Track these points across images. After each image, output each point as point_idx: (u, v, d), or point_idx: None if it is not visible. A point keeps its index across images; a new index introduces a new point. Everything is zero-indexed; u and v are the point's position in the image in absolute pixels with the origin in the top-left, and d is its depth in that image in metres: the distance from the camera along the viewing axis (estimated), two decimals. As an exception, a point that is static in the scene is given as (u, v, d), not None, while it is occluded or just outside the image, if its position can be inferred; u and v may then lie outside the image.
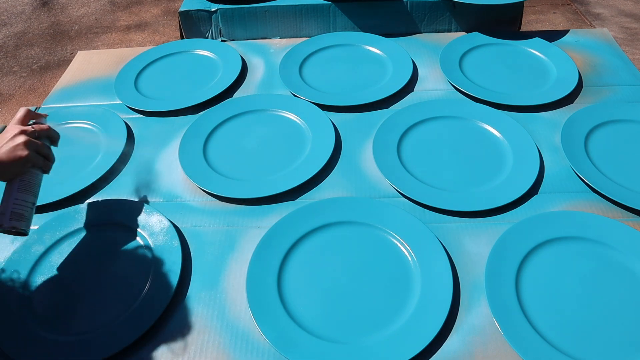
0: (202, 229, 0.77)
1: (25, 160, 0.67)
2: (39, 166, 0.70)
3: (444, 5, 1.15)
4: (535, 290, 0.65)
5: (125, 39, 2.77)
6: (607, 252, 0.69)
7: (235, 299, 0.68)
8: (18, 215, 0.67)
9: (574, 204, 0.77)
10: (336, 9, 1.17)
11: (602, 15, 2.68)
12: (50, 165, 0.72)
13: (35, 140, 0.68)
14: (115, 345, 0.63)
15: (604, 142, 0.86)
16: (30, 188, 0.69)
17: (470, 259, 0.70)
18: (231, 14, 1.19)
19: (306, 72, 1.07)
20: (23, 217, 0.67)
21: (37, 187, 0.71)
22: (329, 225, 0.75)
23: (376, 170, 0.84)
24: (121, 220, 0.78)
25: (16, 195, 0.67)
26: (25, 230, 0.67)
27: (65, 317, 0.67)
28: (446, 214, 0.76)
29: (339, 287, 0.68)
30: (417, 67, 1.07)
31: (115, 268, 0.72)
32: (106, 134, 0.94)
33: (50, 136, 0.72)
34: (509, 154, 0.85)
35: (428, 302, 0.65)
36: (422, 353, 0.60)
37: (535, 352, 0.59)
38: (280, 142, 0.91)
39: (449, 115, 0.93)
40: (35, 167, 0.70)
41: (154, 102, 1.02)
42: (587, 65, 1.05)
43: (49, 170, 0.73)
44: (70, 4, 3.12)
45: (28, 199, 0.68)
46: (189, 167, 0.86)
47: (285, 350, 0.61)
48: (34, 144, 0.68)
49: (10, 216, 0.66)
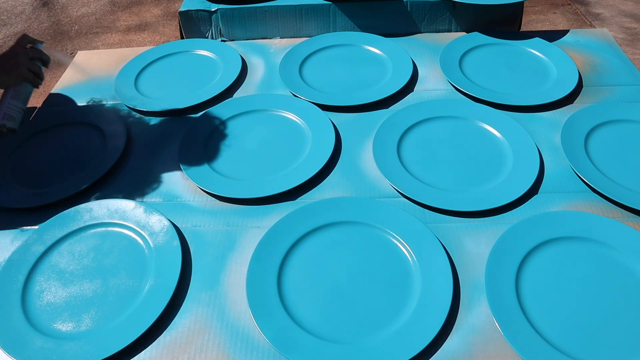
0: (202, 229, 0.77)
1: (18, 74, 0.84)
2: (30, 80, 0.87)
3: (444, 5, 1.15)
4: (535, 290, 0.65)
5: (125, 39, 2.77)
6: (607, 252, 0.69)
7: (235, 299, 0.68)
8: (9, 116, 0.85)
9: (574, 204, 0.77)
10: (336, 9, 1.17)
11: (602, 15, 2.68)
12: (40, 82, 0.89)
13: (29, 59, 0.86)
14: (115, 345, 0.63)
15: (604, 142, 0.86)
16: (20, 97, 0.87)
17: (470, 259, 0.70)
18: (231, 14, 1.19)
19: (306, 72, 1.07)
20: (13, 118, 0.85)
21: (27, 97, 0.88)
22: (329, 225, 0.75)
23: (376, 170, 0.84)
24: (121, 220, 0.78)
25: (9, 101, 0.85)
26: (14, 129, 0.86)
27: (65, 317, 0.67)
28: (446, 214, 0.76)
29: (339, 287, 0.68)
30: (417, 67, 1.07)
31: (115, 268, 0.72)
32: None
33: (42, 58, 0.89)
34: (509, 154, 0.85)
35: (428, 302, 0.65)
36: (422, 353, 0.60)
37: (535, 352, 0.59)
38: (280, 142, 0.91)
39: (449, 115, 0.93)
40: (27, 81, 0.86)
41: (154, 102, 1.02)
42: (587, 65, 1.05)
43: (39, 85, 0.89)
44: (70, 4, 3.12)
45: (18, 105, 0.86)
46: (189, 167, 0.86)
47: (285, 350, 0.61)
48: (27, 62, 0.85)
49: (2, 116, 0.84)
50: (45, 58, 0.89)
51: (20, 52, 0.85)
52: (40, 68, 0.88)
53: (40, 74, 0.88)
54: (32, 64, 0.86)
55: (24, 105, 0.87)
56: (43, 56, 0.89)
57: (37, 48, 0.89)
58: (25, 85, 0.87)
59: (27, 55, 0.86)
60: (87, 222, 0.78)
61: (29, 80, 0.87)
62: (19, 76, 0.85)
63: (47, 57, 0.90)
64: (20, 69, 0.84)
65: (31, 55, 0.87)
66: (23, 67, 0.85)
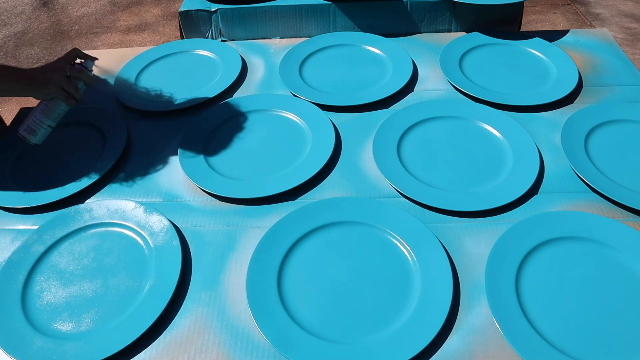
0: (202, 229, 0.77)
1: (48, 90, 0.81)
2: (61, 99, 0.84)
3: (444, 5, 1.15)
4: (535, 290, 0.65)
5: (125, 39, 2.77)
6: (607, 252, 0.69)
7: (235, 299, 0.68)
8: (31, 129, 0.84)
9: (574, 204, 0.77)
10: (336, 9, 1.17)
11: (602, 15, 2.68)
12: (74, 102, 0.85)
13: (65, 78, 0.82)
14: (115, 345, 0.63)
15: (604, 142, 0.86)
16: (50, 113, 0.85)
17: (470, 259, 0.70)
18: (231, 14, 1.19)
19: (306, 72, 1.07)
20: (34, 132, 0.84)
21: (58, 114, 0.86)
22: (329, 225, 0.75)
23: (376, 170, 0.84)
24: (121, 220, 0.78)
25: (37, 114, 0.84)
26: (33, 144, 0.85)
27: (65, 317, 0.67)
28: (446, 214, 0.76)
29: (339, 287, 0.68)
30: (417, 67, 1.07)
31: (115, 268, 0.72)
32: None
33: (83, 79, 0.85)
34: (509, 154, 0.85)
35: (428, 302, 0.65)
36: (422, 353, 0.60)
37: (535, 352, 0.59)
38: (280, 142, 0.91)
39: (449, 115, 0.93)
40: (59, 99, 0.84)
41: (154, 102, 1.02)
42: (587, 65, 1.05)
43: (72, 105, 0.85)
44: (70, 4, 3.12)
45: (45, 120, 0.85)
46: (189, 167, 0.86)
47: (285, 350, 0.61)
48: (62, 80, 0.82)
49: (25, 127, 0.84)
50: (87, 80, 0.86)
51: (58, 68, 0.82)
52: (77, 89, 0.84)
53: (77, 95, 0.84)
54: (68, 83, 0.83)
55: (52, 122, 0.85)
56: (84, 77, 0.85)
57: (81, 66, 0.86)
58: (59, 103, 0.84)
59: (64, 72, 0.82)
60: (87, 222, 0.78)
61: (60, 99, 0.84)
62: (49, 94, 0.82)
63: (90, 78, 0.86)
64: (50, 86, 0.81)
65: (69, 74, 0.83)
66: (55, 85, 0.81)
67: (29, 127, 0.84)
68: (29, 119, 0.84)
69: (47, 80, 0.81)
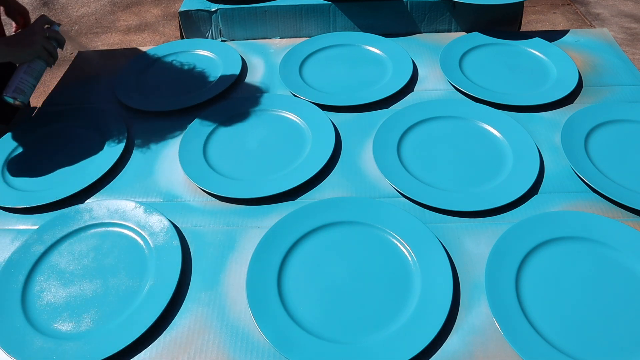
0: (202, 229, 0.77)
1: (33, 50, 0.89)
2: (44, 58, 0.92)
3: (444, 5, 1.15)
4: (535, 290, 0.65)
5: (125, 39, 2.77)
6: (607, 252, 0.69)
7: (235, 299, 0.68)
8: (20, 90, 0.89)
9: (574, 204, 0.77)
10: (336, 9, 1.17)
11: (602, 15, 2.68)
12: (53, 61, 0.94)
13: (45, 38, 0.90)
14: (115, 345, 0.63)
15: (604, 142, 0.86)
16: (33, 73, 0.91)
17: (470, 259, 0.70)
18: (231, 14, 1.19)
19: (306, 72, 1.07)
20: (23, 92, 0.90)
21: (40, 74, 0.93)
22: (329, 225, 0.75)
23: (376, 170, 0.84)
24: (121, 220, 0.78)
25: (22, 76, 0.90)
26: (23, 102, 0.90)
27: (65, 317, 0.67)
28: (446, 214, 0.76)
29: (339, 287, 0.68)
30: (417, 67, 1.07)
31: (114, 268, 0.72)
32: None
33: (57, 38, 0.93)
34: (509, 154, 0.85)
35: (428, 302, 0.65)
36: (422, 353, 0.60)
37: (535, 352, 0.59)
38: (280, 142, 0.91)
39: (449, 115, 0.93)
40: (41, 59, 0.91)
41: (154, 102, 1.02)
42: (587, 65, 1.05)
43: (52, 64, 0.94)
44: (70, 4, 3.12)
45: (30, 80, 0.90)
46: (189, 167, 0.86)
47: (285, 350, 0.61)
48: (43, 40, 0.90)
49: (14, 89, 0.89)
50: (61, 39, 0.94)
51: (37, 31, 0.90)
52: (55, 48, 0.93)
53: (54, 54, 0.93)
54: (48, 43, 0.91)
55: (35, 82, 0.92)
56: (58, 37, 0.94)
57: (53, 29, 0.93)
58: (39, 63, 0.91)
59: (43, 34, 0.90)
60: (87, 222, 0.78)
61: (43, 58, 0.91)
62: (34, 53, 0.89)
63: (63, 38, 0.94)
64: (36, 46, 0.89)
65: (47, 35, 0.91)
66: (39, 45, 0.89)
67: (18, 88, 0.89)
68: (14, 82, 0.89)
69: (32, 41, 0.89)
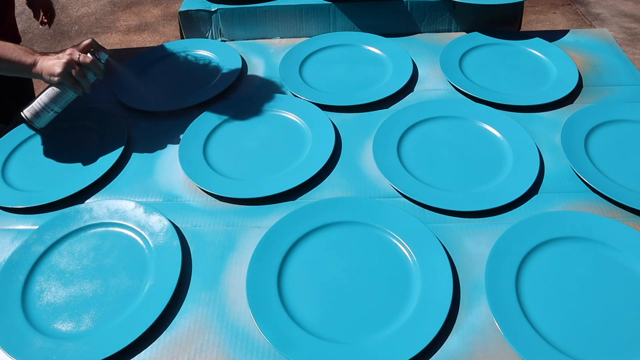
0: (202, 229, 0.77)
1: (53, 76, 0.82)
2: (68, 86, 0.85)
3: (444, 5, 1.15)
4: (535, 290, 0.65)
5: (125, 39, 2.77)
6: (607, 252, 0.69)
7: (235, 299, 0.68)
8: (35, 112, 0.85)
9: (574, 204, 0.77)
10: (336, 9, 1.17)
11: (602, 15, 2.68)
12: (81, 90, 0.86)
13: (75, 65, 0.83)
14: (115, 345, 0.63)
15: (604, 142, 0.86)
16: (56, 98, 0.86)
17: (470, 259, 0.70)
18: (231, 14, 1.19)
19: (306, 72, 1.07)
20: (38, 115, 0.86)
21: (64, 101, 0.87)
22: (329, 225, 0.75)
23: (376, 170, 0.84)
24: (121, 220, 0.78)
25: (43, 98, 0.86)
26: (38, 127, 0.87)
27: (65, 317, 0.67)
28: (446, 214, 0.76)
29: (339, 287, 0.68)
30: (417, 67, 1.07)
31: (115, 268, 0.72)
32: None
33: (93, 69, 0.85)
34: (509, 154, 0.85)
35: (428, 302, 0.65)
36: (422, 353, 0.60)
37: (535, 352, 0.59)
38: (280, 142, 0.91)
39: (449, 115, 0.93)
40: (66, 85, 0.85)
41: (154, 102, 1.02)
42: (587, 65, 1.05)
43: (79, 93, 0.87)
44: (70, 4, 3.12)
45: (51, 105, 0.86)
46: (189, 167, 0.86)
47: (285, 350, 0.61)
48: (72, 67, 0.82)
49: (30, 110, 0.85)
50: (97, 71, 0.86)
51: (69, 54, 0.83)
52: (86, 78, 0.85)
53: (84, 84, 0.85)
54: (78, 70, 0.83)
55: (57, 108, 0.87)
56: (94, 68, 0.85)
57: (94, 56, 0.85)
58: (66, 89, 0.86)
59: (75, 58, 0.83)
60: (87, 222, 0.78)
61: (67, 85, 0.85)
62: (55, 79, 0.83)
63: (100, 70, 0.86)
64: (58, 71, 0.82)
65: (81, 61, 0.83)
66: (63, 72, 0.82)
67: (34, 110, 0.85)
68: (34, 102, 0.86)
69: (56, 64, 0.82)
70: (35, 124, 0.86)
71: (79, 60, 0.83)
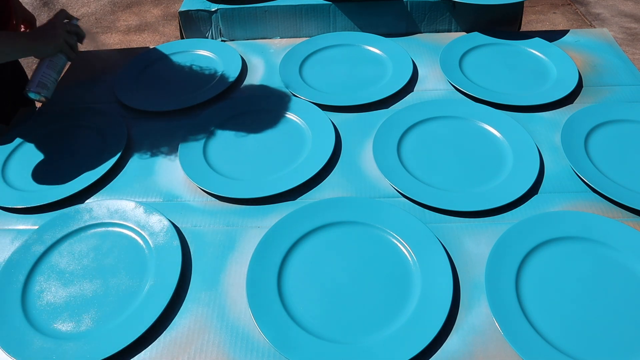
0: (202, 229, 0.77)
1: (56, 45, 0.90)
2: (66, 52, 0.92)
3: (444, 5, 1.15)
4: (535, 290, 0.65)
5: (125, 39, 2.77)
6: (607, 252, 0.69)
7: (235, 299, 0.68)
8: (43, 84, 0.90)
9: (574, 204, 0.77)
10: (336, 9, 1.17)
11: (602, 15, 2.68)
12: (74, 55, 0.94)
13: (66, 32, 0.91)
14: (115, 345, 0.63)
15: (604, 142, 0.86)
16: (56, 67, 0.92)
17: (470, 259, 0.70)
18: (231, 14, 1.19)
19: (306, 72, 1.07)
20: (46, 86, 0.90)
21: (62, 68, 0.94)
22: (329, 225, 0.75)
23: (376, 170, 0.84)
24: (121, 220, 0.78)
25: (45, 70, 0.90)
26: (47, 97, 0.91)
27: (65, 317, 0.67)
28: (446, 214, 0.76)
29: (339, 287, 0.68)
30: (417, 67, 1.07)
31: (115, 268, 0.72)
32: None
33: (78, 32, 0.95)
34: (509, 154, 0.85)
35: (428, 302, 0.65)
36: (422, 353, 0.60)
37: (535, 352, 0.59)
38: (280, 142, 0.91)
39: (449, 115, 0.93)
40: (63, 53, 0.92)
41: (154, 102, 1.02)
42: (587, 65, 1.05)
43: (73, 58, 0.95)
44: (70, 4, 3.12)
45: (53, 75, 0.91)
46: (189, 167, 0.86)
47: (285, 350, 0.61)
48: (65, 34, 0.91)
49: (37, 84, 0.89)
50: (81, 33, 0.95)
51: (58, 25, 0.90)
52: (76, 42, 0.94)
53: (75, 48, 0.94)
54: (70, 37, 0.92)
55: (57, 76, 0.92)
56: (79, 31, 0.94)
57: (73, 23, 0.94)
58: (60, 57, 0.92)
59: (65, 28, 0.91)
60: (87, 222, 0.78)
61: (65, 52, 0.92)
62: (57, 47, 0.90)
63: (83, 32, 0.95)
64: (59, 40, 0.89)
65: (68, 29, 0.92)
66: (61, 39, 0.90)
67: (41, 82, 0.89)
68: (37, 77, 0.89)
69: (54, 35, 0.89)
70: (44, 94, 0.90)
71: (67, 29, 0.92)
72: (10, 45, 0.86)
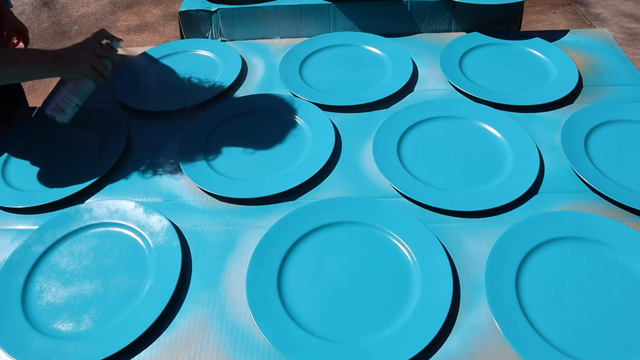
0: (202, 229, 0.77)
1: (79, 69, 0.83)
2: (91, 78, 0.85)
3: (444, 5, 1.15)
4: (535, 290, 0.65)
5: (125, 39, 2.76)
6: (607, 252, 0.69)
7: (235, 299, 0.68)
8: (60, 108, 0.84)
9: (574, 204, 0.77)
10: (336, 9, 1.17)
11: (602, 15, 2.68)
12: (102, 81, 0.87)
13: (96, 56, 0.84)
14: (115, 345, 0.63)
15: (604, 142, 0.86)
16: (78, 92, 0.85)
17: (470, 259, 0.70)
18: (231, 14, 1.19)
19: (306, 72, 1.07)
20: (63, 111, 0.85)
21: (85, 94, 0.87)
22: (329, 225, 0.75)
23: (376, 170, 0.84)
24: (121, 220, 0.78)
25: (65, 93, 0.84)
26: (63, 122, 0.86)
27: (65, 317, 0.67)
28: (446, 214, 0.76)
29: (339, 287, 0.68)
30: (417, 67, 1.07)
31: (115, 268, 0.72)
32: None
33: (112, 58, 0.87)
34: (509, 154, 0.85)
35: (428, 302, 0.65)
36: (422, 353, 0.60)
37: (535, 352, 0.59)
38: (280, 142, 0.91)
39: (449, 115, 0.93)
40: (89, 77, 0.85)
41: (154, 102, 1.02)
42: (587, 65, 1.05)
43: (100, 83, 0.87)
44: (70, 4, 3.12)
45: (73, 99, 0.85)
46: (189, 167, 0.86)
47: (285, 350, 0.61)
48: (93, 58, 0.83)
49: (54, 107, 0.84)
50: (116, 59, 0.88)
51: (89, 47, 0.84)
52: (106, 67, 0.87)
53: (105, 74, 0.87)
54: (99, 62, 0.85)
55: (79, 101, 0.86)
56: (113, 56, 0.87)
57: (109, 46, 0.88)
58: (86, 82, 0.86)
59: (96, 51, 0.84)
60: (87, 222, 0.78)
61: (90, 78, 0.85)
62: (80, 72, 0.84)
63: (118, 58, 0.88)
64: (83, 64, 0.83)
65: (99, 52, 0.85)
66: (87, 64, 0.83)
67: (58, 106, 0.84)
68: (57, 98, 0.84)
69: (79, 58, 0.82)
70: (60, 119, 0.85)
71: (99, 52, 0.84)
72: (28, 64, 0.80)
